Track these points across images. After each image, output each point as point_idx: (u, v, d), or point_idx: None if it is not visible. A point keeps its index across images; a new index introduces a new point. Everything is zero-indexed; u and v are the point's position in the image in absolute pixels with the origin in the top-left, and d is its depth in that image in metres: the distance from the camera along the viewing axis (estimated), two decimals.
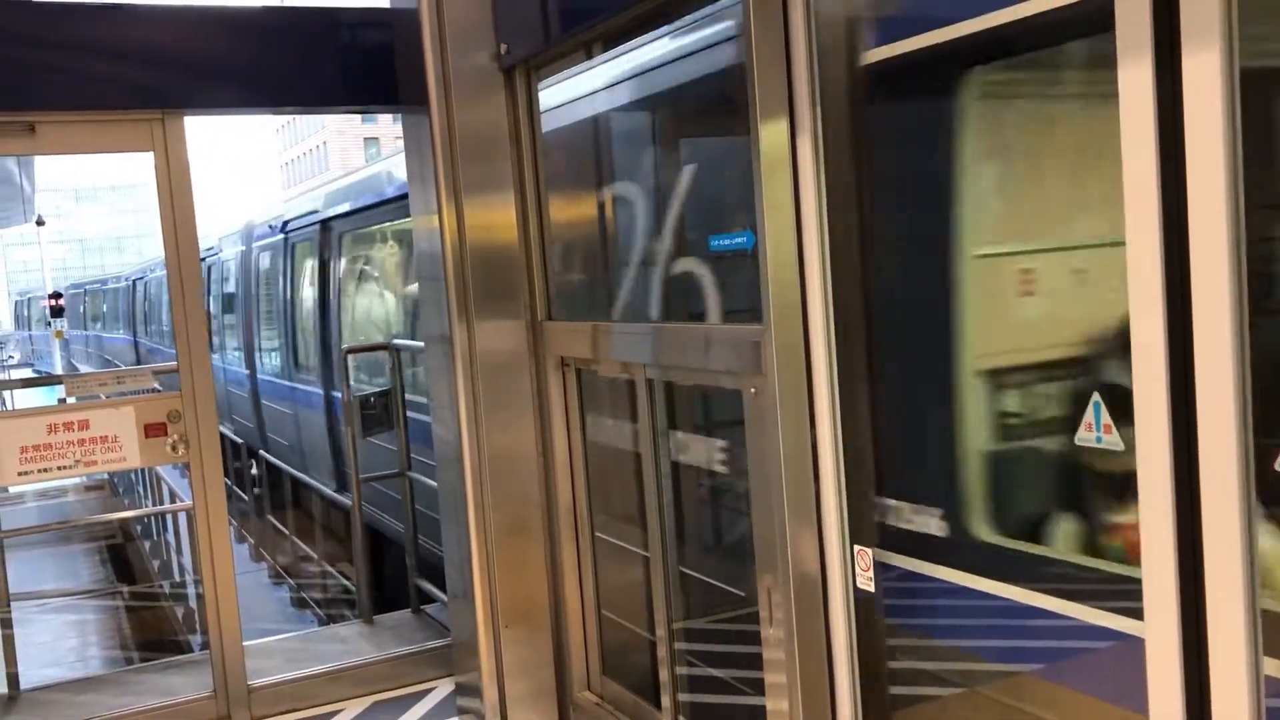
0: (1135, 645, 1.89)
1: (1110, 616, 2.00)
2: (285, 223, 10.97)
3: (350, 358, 6.54)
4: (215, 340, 14.00)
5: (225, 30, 4.17)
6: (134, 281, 24.53)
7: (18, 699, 4.66)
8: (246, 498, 13.73)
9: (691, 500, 3.57)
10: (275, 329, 11.58)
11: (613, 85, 3.69)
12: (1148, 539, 1.81)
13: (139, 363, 21.32)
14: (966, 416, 2.36)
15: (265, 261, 11.82)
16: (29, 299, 37.70)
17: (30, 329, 36.31)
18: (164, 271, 12.19)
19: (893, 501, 2.52)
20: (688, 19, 3.08)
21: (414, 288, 7.33)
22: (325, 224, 9.77)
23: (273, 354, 11.86)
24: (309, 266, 10.30)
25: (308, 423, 10.57)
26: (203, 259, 13.01)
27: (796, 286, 2.58)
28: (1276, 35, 1.74)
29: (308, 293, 10.34)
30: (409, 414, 5.70)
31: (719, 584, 3.49)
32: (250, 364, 12.79)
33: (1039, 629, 2.18)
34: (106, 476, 16.87)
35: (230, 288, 13.63)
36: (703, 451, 3.39)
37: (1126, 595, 1.92)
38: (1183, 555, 1.77)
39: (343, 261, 9.53)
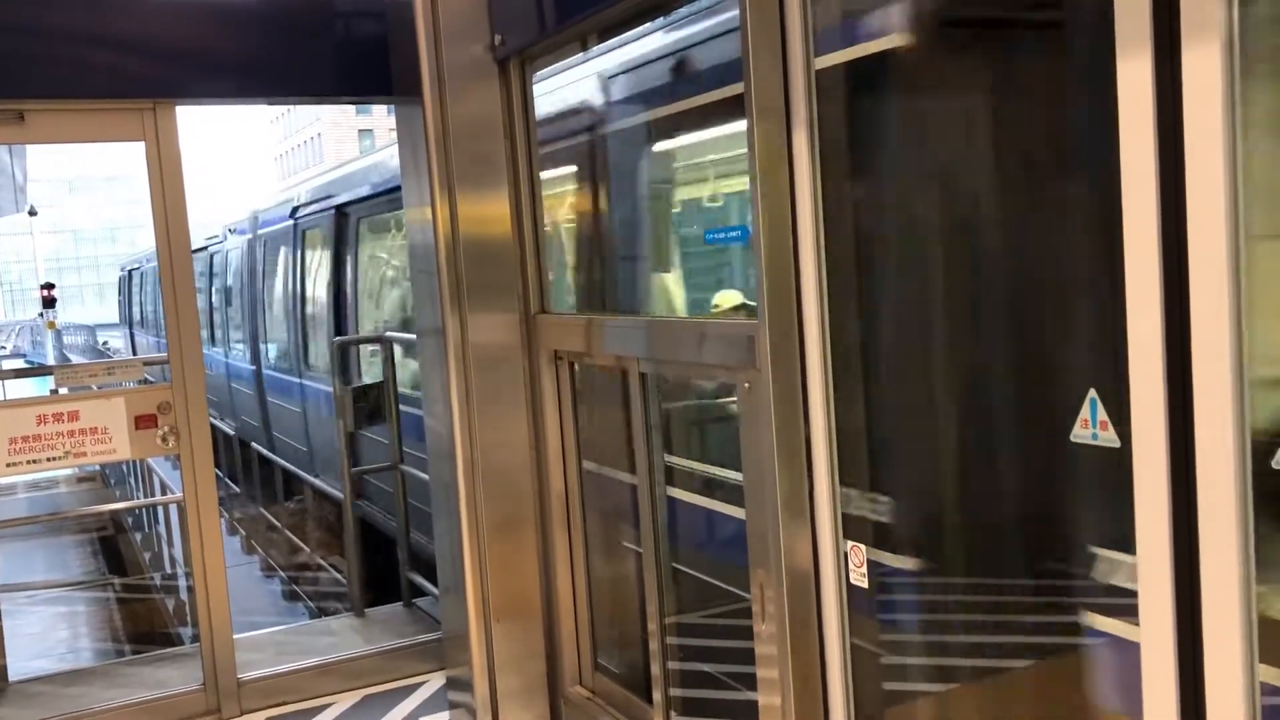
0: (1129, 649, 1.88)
1: (1106, 620, 1.99)
2: None
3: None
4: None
5: (218, 19, 4.15)
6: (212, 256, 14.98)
7: (6, 690, 4.63)
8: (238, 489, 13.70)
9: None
10: None
11: None
12: (1143, 543, 1.80)
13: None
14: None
15: None
16: (130, 272, 25.97)
17: (132, 312, 24.92)
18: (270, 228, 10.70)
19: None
20: (684, 10, 3.06)
21: None
22: None
23: None
24: None
25: None
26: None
27: (791, 280, 2.56)
28: None
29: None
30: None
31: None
32: None
33: (1031, 628, 2.18)
34: (97, 468, 16.83)
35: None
36: None
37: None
38: (1179, 560, 1.75)
39: None
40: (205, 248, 14.56)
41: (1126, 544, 1.83)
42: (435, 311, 3.89)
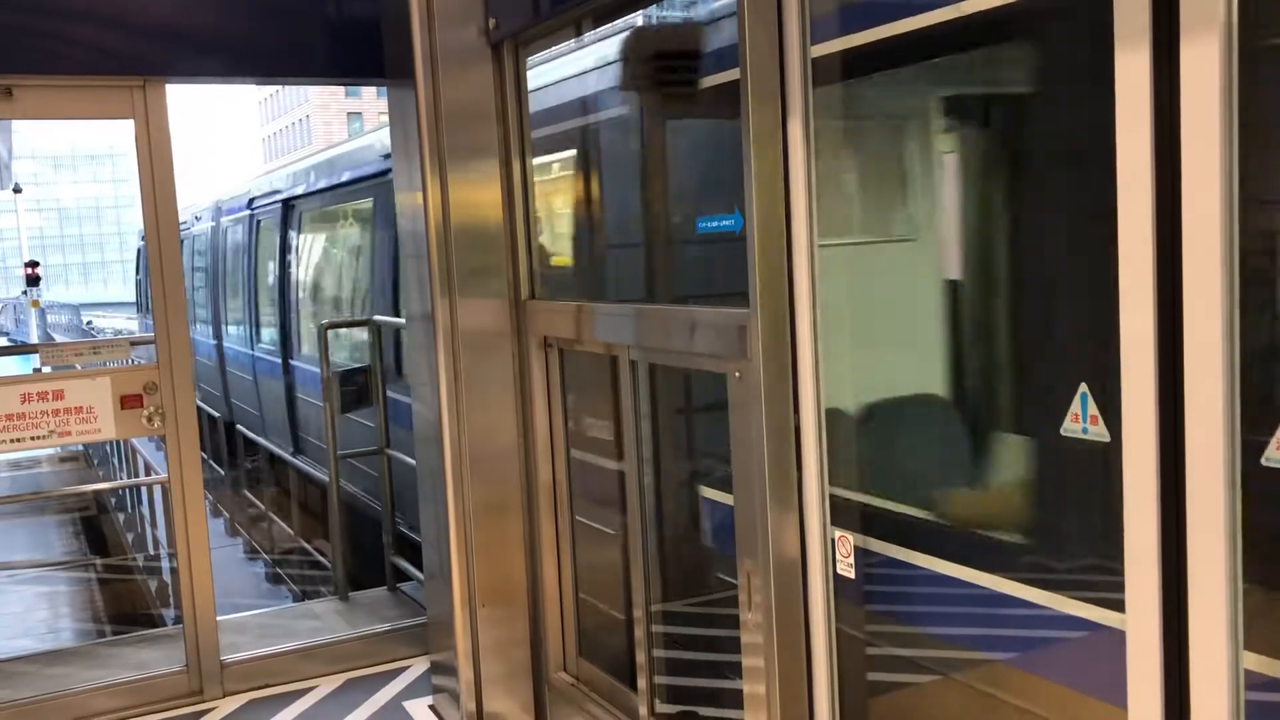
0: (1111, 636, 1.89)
1: (1091, 608, 2.00)
2: None
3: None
4: None
5: None
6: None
7: None
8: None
9: None
10: None
11: None
12: (1132, 532, 1.81)
13: None
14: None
15: None
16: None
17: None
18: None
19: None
20: None
21: None
22: None
23: None
24: None
25: None
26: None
27: (783, 270, 2.56)
28: None
29: None
30: None
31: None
32: None
33: (1016, 619, 2.18)
34: (81, 448, 16.76)
35: None
36: None
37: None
38: (1166, 549, 1.77)
39: None
40: (346, 183, 9.15)
41: None
42: (425, 296, 3.87)
